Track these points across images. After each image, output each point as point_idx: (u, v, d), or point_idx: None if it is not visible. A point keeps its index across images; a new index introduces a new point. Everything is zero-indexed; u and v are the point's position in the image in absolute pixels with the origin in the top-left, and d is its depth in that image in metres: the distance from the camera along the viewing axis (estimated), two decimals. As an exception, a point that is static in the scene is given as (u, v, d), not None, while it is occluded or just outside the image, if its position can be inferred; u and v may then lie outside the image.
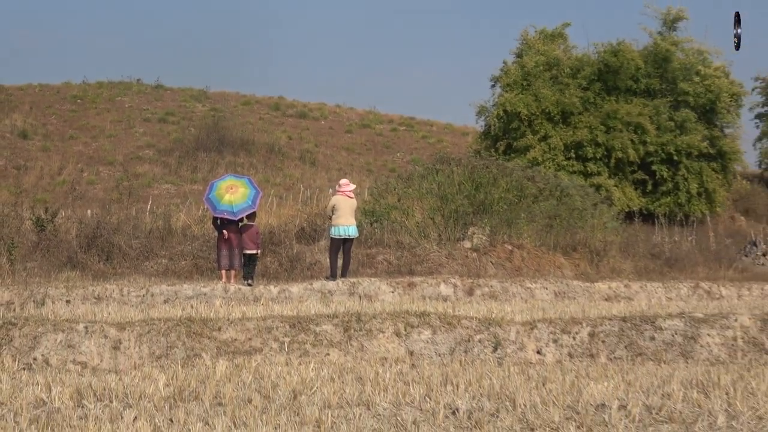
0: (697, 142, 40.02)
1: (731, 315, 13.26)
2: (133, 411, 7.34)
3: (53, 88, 60.71)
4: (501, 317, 13.13)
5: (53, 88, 60.71)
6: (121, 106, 56.88)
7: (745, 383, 8.95)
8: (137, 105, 57.42)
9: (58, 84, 62.11)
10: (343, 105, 67.07)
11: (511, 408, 7.70)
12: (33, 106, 54.51)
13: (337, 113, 64.06)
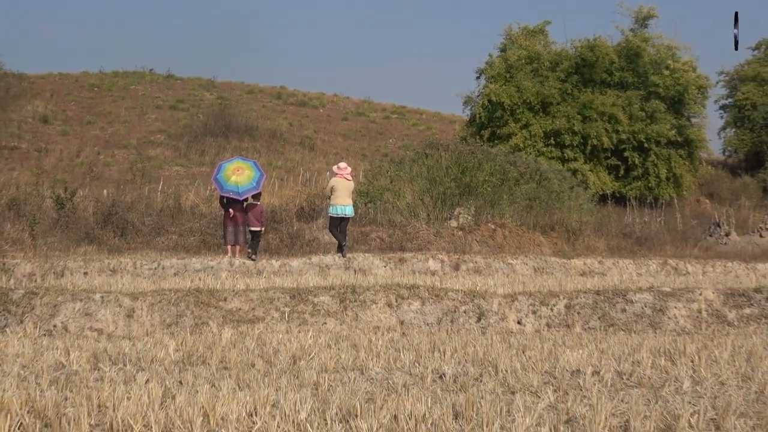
0: (666, 131, 40.09)
1: (696, 289, 13.27)
2: (145, 374, 7.32)
3: (72, 77, 60.53)
4: (484, 290, 13.12)
5: (72, 77, 60.53)
6: (134, 94, 56.74)
7: (708, 352, 8.95)
8: (150, 93, 57.27)
9: (77, 73, 61.94)
10: (340, 94, 66.97)
11: (494, 373, 7.69)
12: (53, 94, 54.35)
13: (335, 102, 63.97)
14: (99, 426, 5.58)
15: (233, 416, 5.65)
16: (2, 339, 9.57)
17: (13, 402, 5.92)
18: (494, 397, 6.38)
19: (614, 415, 5.85)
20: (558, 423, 5.64)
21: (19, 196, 24.90)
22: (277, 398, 6.14)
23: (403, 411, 5.70)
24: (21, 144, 43.44)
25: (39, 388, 6.46)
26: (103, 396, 6.09)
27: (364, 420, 5.55)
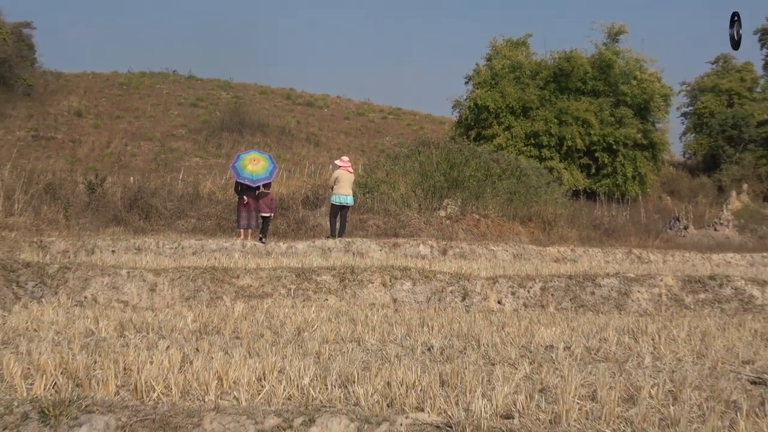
0: (632, 134, 40.26)
1: (657, 276, 13.29)
2: (166, 341, 7.32)
3: (104, 76, 60.49)
4: (469, 273, 13.13)
5: (104, 76, 60.49)
6: (159, 93, 56.71)
7: (667, 331, 8.97)
8: (173, 92, 57.25)
9: (108, 72, 61.92)
10: (343, 96, 67.00)
11: (476, 346, 7.70)
12: (86, 91, 54.31)
13: (338, 103, 63.98)
14: (124, 387, 5.59)
15: (244, 380, 5.66)
16: (39, 308, 9.57)
17: (48, 364, 5.93)
18: (476, 368, 6.39)
19: (583, 385, 5.86)
20: (533, 392, 5.65)
21: (55, 182, 24.90)
22: (284, 365, 6.14)
23: (396, 378, 5.71)
24: (57, 135, 43.43)
25: (71, 352, 6.46)
26: (128, 360, 6.10)
27: (361, 386, 5.56)
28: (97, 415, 4.73)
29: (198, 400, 5.26)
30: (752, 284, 13.19)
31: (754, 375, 6.71)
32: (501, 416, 5.05)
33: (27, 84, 50.90)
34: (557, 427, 4.61)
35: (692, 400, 5.63)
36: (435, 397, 5.40)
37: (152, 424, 4.67)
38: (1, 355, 6.34)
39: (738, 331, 9.38)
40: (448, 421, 4.60)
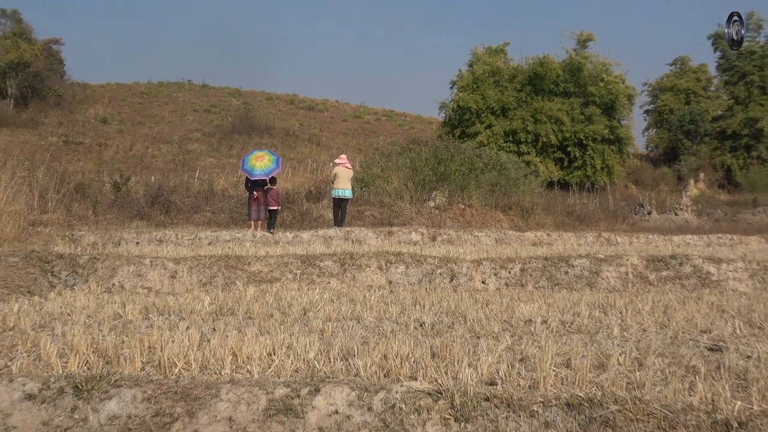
0: (600, 131, 40.40)
1: (624, 256, 13.31)
2: (186, 322, 7.33)
3: (126, 86, 60.58)
4: (456, 256, 13.14)
5: (126, 86, 60.58)
6: (176, 100, 56.75)
7: (633, 305, 8.99)
8: (188, 99, 57.32)
9: (130, 83, 62.06)
10: (341, 101, 67.18)
11: (463, 322, 7.71)
12: (111, 99, 54.39)
13: (336, 107, 64.04)
14: (149, 363, 5.60)
15: (256, 355, 5.67)
16: (71, 295, 9.57)
17: (81, 344, 5.93)
18: (463, 341, 6.40)
19: (558, 354, 5.87)
20: (514, 361, 5.66)
21: (84, 182, 24.97)
22: (291, 341, 6.15)
23: (391, 351, 5.72)
24: (85, 140, 43.47)
25: (101, 333, 6.47)
26: (152, 339, 6.11)
27: (360, 359, 5.57)
28: (125, 389, 4.74)
29: (215, 374, 5.27)
30: (709, 262, 13.23)
31: (711, 342, 6.74)
32: (485, 383, 5.07)
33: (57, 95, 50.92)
34: (536, 392, 4.62)
35: (656, 366, 5.65)
36: (426, 367, 5.41)
37: (174, 396, 4.68)
38: (38, 336, 6.35)
39: (696, 304, 9.41)
40: (439, 389, 4.62)
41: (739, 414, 4.24)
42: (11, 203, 14.19)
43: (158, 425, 4.55)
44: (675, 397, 4.61)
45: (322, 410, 4.53)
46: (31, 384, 4.79)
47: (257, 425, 4.49)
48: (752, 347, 6.56)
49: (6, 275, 10.49)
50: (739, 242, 21.81)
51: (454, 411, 4.43)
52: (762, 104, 46.16)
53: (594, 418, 4.30)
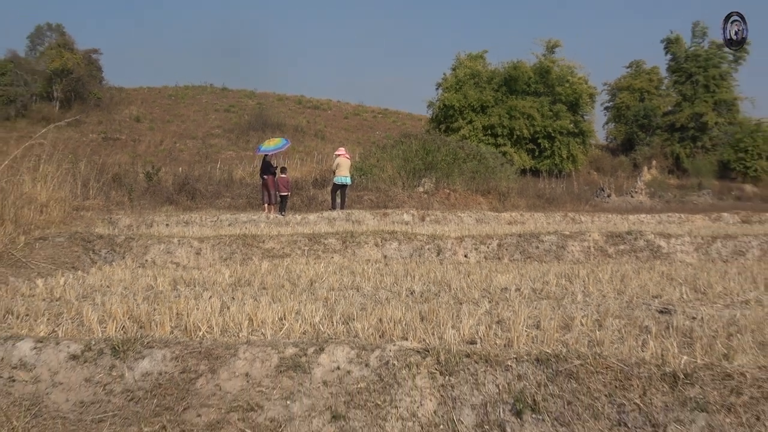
0: (566, 125, 40.40)
1: (587, 232, 13.32)
2: (209, 292, 7.34)
3: (156, 89, 60.39)
4: (442, 234, 13.14)
5: (156, 89, 60.39)
6: (200, 101, 56.58)
7: (594, 275, 9.01)
8: (210, 100, 57.16)
9: (159, 86, 61.89)
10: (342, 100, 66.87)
11: (448, 290, 7.73)
12: (143, 101, 54.27)
13: (338, 106, 63.86)
14: (177, 327, 5.61)
15: (269, 320, 5.68)
16: (110, 270, 9.57)
17: (117, 312, 5.94)
18: (448, 306, 6.42)
19: (530, 317, 5.88)
20: (491, 323, 5.67)
21: (121, 172, 25.03)
22: (299, 308, 6.16)
23: (386, 316, 5.73)
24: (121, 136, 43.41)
25: (135, 302, 6.47)
26: (180, 307, 6.11)
27: (359, 322, 5.58)
28: (156, 350, 4.75)
29: (234, 336, 5.28)
30: (660, 237, 13.24)
31: (662, 306, 6.76)
32: (467, 342, 5.08)
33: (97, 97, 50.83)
34: (510, 350, 4.63)
35: (613, 326, 5.66)
36: (416, 329, 5.42)
37: (198, 355, 4.69)
38: (81, 305, 6.36)
39: (649, 273, 9.43)
40: (426, 347, 4.62)
41: (684, 367, 4.25)
42: (58, 191, 14.16)
43: (185, 380, 4.56)
44: (630, 353, 4.62)
45: (326, 366, 4.53)
46: (75, 346, 4.79)
47: (270, 380, 4.50)
48: (697, 310, 6.58)
49: (53, 253, 10.49)
50: (686, 220, 21.84)
51: (440, 366, 4.44)
52: (706, 101, 46.15)
53: (560, 372, 4.31)
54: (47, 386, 4.60)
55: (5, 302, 6.60)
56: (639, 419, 4.06)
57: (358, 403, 4.33)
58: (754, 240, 13.50)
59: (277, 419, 4.29)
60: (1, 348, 4.81)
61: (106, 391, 4.56)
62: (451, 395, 4.32)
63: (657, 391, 4.14)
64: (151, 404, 4.44)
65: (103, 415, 4.37)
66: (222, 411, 4.35)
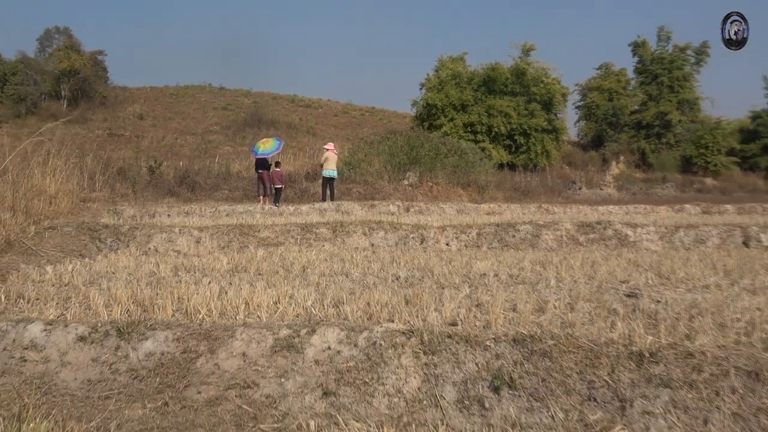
0: (540, 123, 40.46)
1: (560, 222, 13.36)
2: (208, 278, 7.31)
3: (158, 89, 60.06)
4: (425, 224, 13.15)
5: (158, 89, 60.06)
6: (199, 100, 56.31)
7: (567, 262, 9.04)
8: (209, 99, 56.89)
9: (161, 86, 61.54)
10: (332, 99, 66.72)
11: (431, 276, 7.73)
12: (146, 99, 53.97)
13: (328, 104, 63.70)
14: (178, 311, 5.59)
15: (264, 304, 5.67)
16: (115, 257, 9.53)
17: (122, 296, 5.91)
18: (431, 291, 6.42)
19: (507, 301, 5.90)
20: (471, 306, 5.68)
21: (125, 166, 24.94)
22: (293, 292, 6.15)
23: (373, 300, 5.73)
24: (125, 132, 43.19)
25: (139, 287, 6.44)
26: (181, 292, 6.09)
27: (348, 305, 5.57)
28: (159, 331, 4.73)
29: (231, 319, 5.26)
30: (627, 227, 13.30)
31: (629, 290, 6.79)
32: (448, 324, 5.09)
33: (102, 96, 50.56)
34: (488, 331, 4.64)
35: (584, 309, 5.68)
36: (401, 312, 5.42)
37: (198, 336, 4.68)
38: (88, 290, 6.33)
39: (617, 260, 9.47)
40: (411, 329, 4.63)
41: (650, 346, 4.27)
42: (66, 184, 14.10)
43: (186, 360, 4.55)
44: (599, 334, 4.64)
45: (317, 347, 4.53)
46: (83, 328, 4.77)
47: (265, 359, 4.50)
48: (661, 294, 6.62)
49: (62, 242, 10.44)
50: (651, 211, 21.95)
51: (424, 346, 4.45)
52: (670, 100, 46.30)
53: (535, 351, 4.32)
54: (56, 366, 4.58)
55: (17, 287, 6.56)
56: (608, 395, 4.08)
57: (348, 380, 4.33)
58: (714, 229, 13.59)
59: (272, 396, 4.29)
60: (13, 330, 4.78)
61: (111, 370, 4.55)
62: (433, 373, 4.33)
63: (624, 368, 4.16)
64: (154, 382, 4.43)
65: (109, 393, 4.35)
66: (220, 388, 4.35)
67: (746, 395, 3.97)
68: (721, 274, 8.22)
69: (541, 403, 4.10)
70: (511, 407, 4.11)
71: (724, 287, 7.23)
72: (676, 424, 3.92)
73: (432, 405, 4.18)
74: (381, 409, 4.17)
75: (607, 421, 3.96)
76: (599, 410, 4.04)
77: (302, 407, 4.20)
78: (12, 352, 4.65)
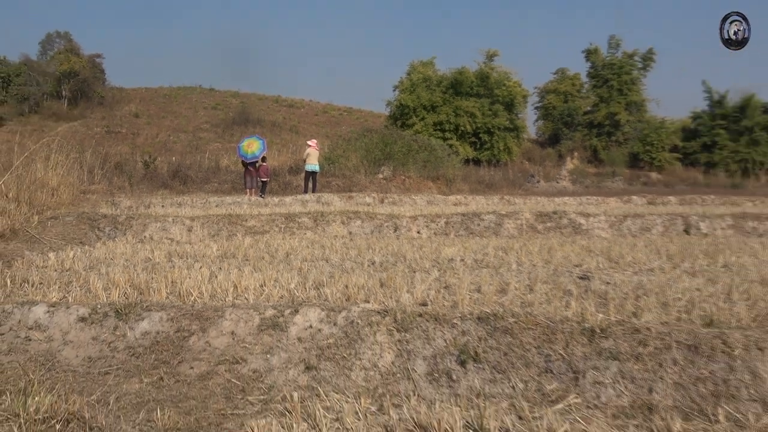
0: (503, 122, 40.47)
1: (520, 212, 13.43)
2: (199, 263, 7.27)
3: (153, 89, 59.29)
4: (398, 214, 13.16)
5: (153, 89, 59.29)
6: (190, 100, 55.68)
7: (526, 248, 9.09)
8: (199, 99, 56.29)
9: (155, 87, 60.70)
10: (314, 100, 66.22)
11: (403, 261, 7.75)
12: (141, 99, 53.27)
13: (310, 105, 63.26)
14: (172, 293, 5.55)
15: (251, 286, 5.65)
16: (113, 244, 9.43)
17: (120, 280, 5.86)
18: (403, 274, 6.44)
19: (472, 283, 5.93)
20: (440, 288, 5.71)
21: (122, 161, 24.63)
22: (277, 276, 6.13)
23: (351, 283, 5.73)
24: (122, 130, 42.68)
25: (135, 272, 6.39)
26: (174, 276, 6.05)
27: (328, 288, 5.57)
28: (154, 312, 4.70)
29: (221, 300, 5.24)
30: (580, 216, 13.41)
31: (582, 273, 6.85)
32: (419, 304, 5.10)
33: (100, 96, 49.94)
34: (455, 310, 4.67)
35: (542, 290, 5.73)
36: (376, 293, 5.43)
37: (191, 317, 4.65)
38: (88, 275, 6.26)
39: (571, 246, 9.55)
40: (385, 308, 4.64)
41: (600, 323, 4.32)
42: (67, 177, 13.94)
43: (179, 338, 4.53)
44: (555, 312, 4.68)
45: (300, 325, 4.53)
46: (83, 310, 4.73)
47: (252, 337, 4.49)
48: (610, 276, 6.69)
49: (63, 230, 10.31)
50: (602, 202, 22.14)
51: (397, 324, 4.46)
52: (619, 102, 46.55)
53: (497, 328, 4.35)
54: (59, 344, 4.54)
55: (22, 273, 6.47)
56: (563, 367, 4.13)
57: (328, 356, 4.34)
58: (658, 218, 13.76)
59: (258, 370, 4.28)
60: (19, 312, 4.73)
61: (110, 348, 4.51)
62: (406, 348, 4.35)
63: (577, 343, 4.20)
64: (150, 359, 4.40)
65: (108, 369, 4.32)
66: (211, 364, 4.33)
67: (686, 366, 4.04)
68: (665, 259, 8.33)
69: (503, 374, 4.14)
70: (476, 379, 4.14)
71: (667, 270, 7.32)
72: (624, 392, 3.97)
73: (405, 377, 4.20)
74: (358, 381, 4.18)
75: (562, 391, 4.01)
76: (555, 381, 4.09)
77: (286, 380, 4.20)
78: (18, 332, 4.60)
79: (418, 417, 3.64)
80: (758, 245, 10.17)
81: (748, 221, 13.92)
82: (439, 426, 3.52)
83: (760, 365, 4.01)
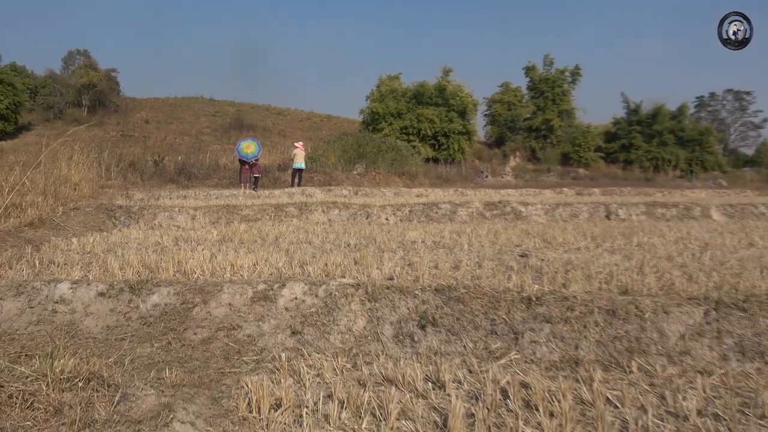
0: (457, 127, 40.52)
1: (471, 202, 13.51)
2: (201, 246, 7.19)
3: (161, 99, 58.27)
4: (370, 204, 13.15)
5: (161, 99, 58.27)
6: (193, 108, 54.85)
7: (476, 231, 9.15)
8: (201, 108, 55.45)
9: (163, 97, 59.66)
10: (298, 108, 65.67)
11: (374, 243, 7.75)
12: (151, 108, 52.33)
13: (295, 112, 62.72)
14: (178, 272, 5.49)
15: (246, 265, 5.61)
16: (127, 231, 9.29)
17: (133, 261, 5.78)
18: (374, 254, 6.44)
19: (431, 261, 5.96)
20: (404, 265, 5.72)
21: (135, 160, 24.20)
22: (268, 256, 6.10)
23: (330, 261, 5.72)
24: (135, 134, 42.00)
25: (147, 254, 6.31)
26: (180, 257, 5.98)
27: (311, 266, 5.56)
28: (163, 287, 4.65)
29: (220, 277, 5.20)
30: (521, 204, 13.53)
31: (521, 252, 6.92)
32: (387, 278, 5.12)
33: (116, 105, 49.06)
34: (417, 283, 4.69)
35: (489, 266, 5.78)
36: (351, 270, 5.43)
37: (194, 291, 4.61)
38: (106, 257, 6.16)
39: (513, 230, 9.63)
40: (358, 282, 4.64)
41: (536, 292, 4.37)
42: (87, 174, 13.72)
43: (184, 309, 4.49)
44: (499, 284, 4.73)
45: (286, 297, 4.52)
46: (102, 286, 4.66)
47: (246, 307, 4.46)
48: (545, 254, 6.77)
49: (85, 219, 10.13)
50: (539, 193, 22.36)
51: (368, 295, 4.47)
52: (553, 110, 46.95)
53: (451, 298, 4.38)
54: (81, 315, 4.47)
55: (48, 255, 6.35)
56: (505, 329, 4.18)
57: (310, 322, 4.34)
58: (585, 206, 13.94)
59: (252, 335, 4.27)
60: (46, 288, 4.64)
61: (125, 318, 4.46)
62: (376, 315, 4.36)
63: (517, 309, 4.26)
64: (160, 327, 4.36)
65: (124, 336, 4.27)
66: (212, 330, 4.30)
67: (606, 327, 4.12)
68: (589, 239, 8.45)
69: (456, 336, 4.18)
70: (434, 340, 4.17)
71: (591, 249, 7.43)
72: (555, 349, 4.04)
73: (375, 339, 4.22)
74: (336, 343, 4.19)
75: (505, 349, 4.06)
76: (499, 341, 4.14)
77: (275, 343, 4.19)
78: (45, 306, 4.52)
79: (386, 372, 3.67)
80: (666, 228, 10.38)
81: (658, 208, 14.18)
82: (403, 379, 3.55)
83: (666, 326, 4.10)
